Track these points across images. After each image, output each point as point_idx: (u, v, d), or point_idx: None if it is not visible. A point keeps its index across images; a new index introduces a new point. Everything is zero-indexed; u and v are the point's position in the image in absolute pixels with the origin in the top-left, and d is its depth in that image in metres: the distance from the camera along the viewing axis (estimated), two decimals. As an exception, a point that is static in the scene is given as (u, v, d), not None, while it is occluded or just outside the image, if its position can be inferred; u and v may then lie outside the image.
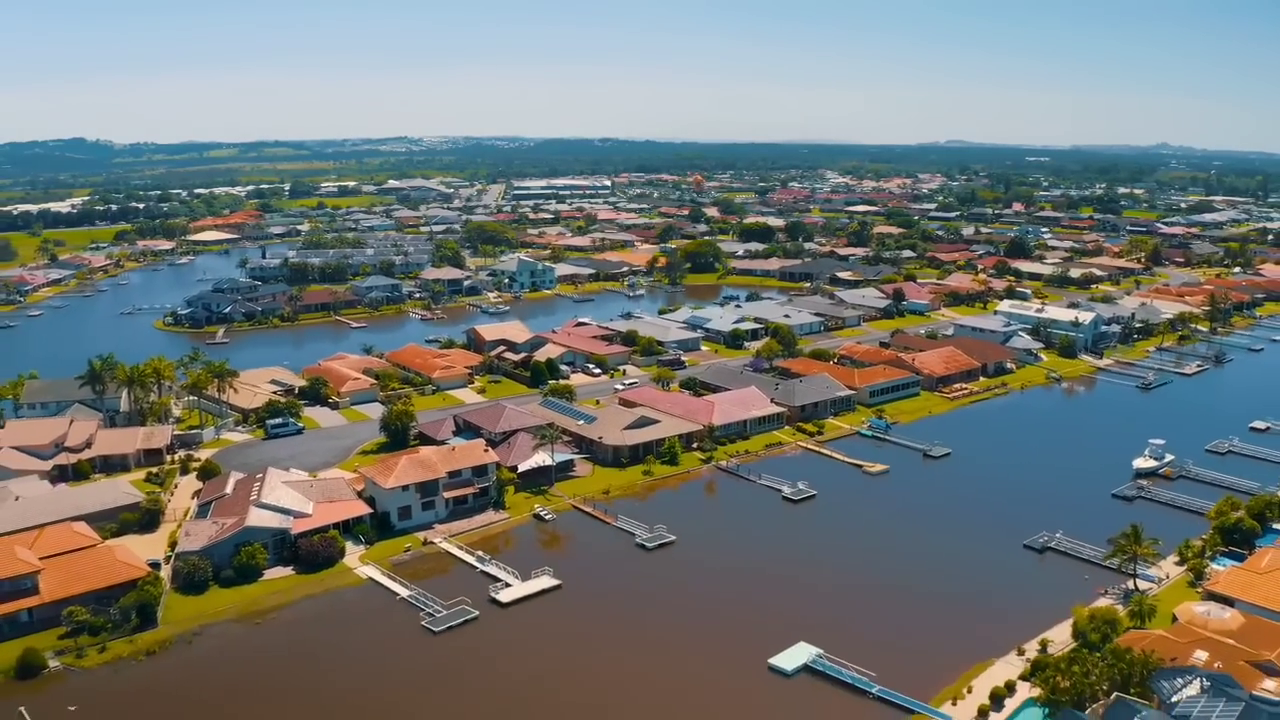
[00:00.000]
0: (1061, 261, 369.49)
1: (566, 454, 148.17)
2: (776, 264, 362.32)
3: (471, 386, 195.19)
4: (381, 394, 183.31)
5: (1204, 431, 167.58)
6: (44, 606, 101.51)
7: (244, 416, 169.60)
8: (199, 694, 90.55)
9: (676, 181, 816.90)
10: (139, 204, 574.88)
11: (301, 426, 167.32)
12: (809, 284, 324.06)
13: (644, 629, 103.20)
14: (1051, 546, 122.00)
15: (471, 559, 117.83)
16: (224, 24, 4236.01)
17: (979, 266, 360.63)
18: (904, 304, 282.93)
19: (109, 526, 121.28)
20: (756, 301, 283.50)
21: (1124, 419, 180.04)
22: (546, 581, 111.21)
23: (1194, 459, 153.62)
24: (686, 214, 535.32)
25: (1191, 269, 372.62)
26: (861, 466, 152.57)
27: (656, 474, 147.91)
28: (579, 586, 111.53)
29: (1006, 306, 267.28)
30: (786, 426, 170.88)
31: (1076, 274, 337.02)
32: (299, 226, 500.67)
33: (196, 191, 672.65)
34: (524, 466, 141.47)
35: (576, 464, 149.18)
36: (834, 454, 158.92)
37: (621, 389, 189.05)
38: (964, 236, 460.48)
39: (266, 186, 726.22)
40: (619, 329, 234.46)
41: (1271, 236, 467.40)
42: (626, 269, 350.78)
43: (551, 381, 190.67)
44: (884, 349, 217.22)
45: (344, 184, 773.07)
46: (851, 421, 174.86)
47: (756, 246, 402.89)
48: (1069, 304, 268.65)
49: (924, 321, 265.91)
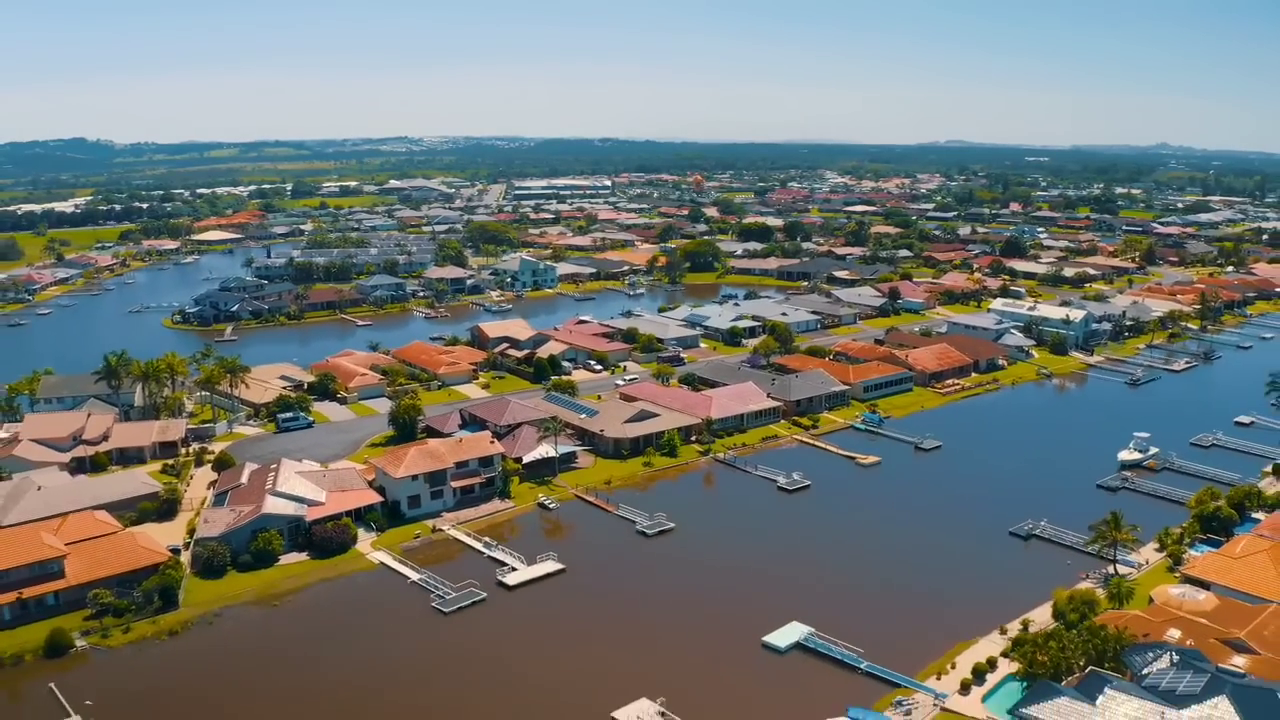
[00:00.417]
0: (1056, 261, 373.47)
1: (569, 446, 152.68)
2: (775, 263, 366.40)
3: (476, 382, 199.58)
4: (389, 389, 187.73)
5: (1190, 425, 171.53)
6: (70, 590, 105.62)
7: (255, 411, 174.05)
8: (220, 670, 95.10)
9: (676, 181, 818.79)
10: (142, 204, 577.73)
11: (312, 420, 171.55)
12: (806, 283, 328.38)
13: (644, 610, 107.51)
14: (1036, 534, 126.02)
15: (479, 545, 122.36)
16: (224, 24, 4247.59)
17: (974, 266, 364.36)
18: (899, 302, 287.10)
19: (128, 515, 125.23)
20: (754, 300, 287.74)
21: (1112, 414, 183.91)
22: (551, 565, 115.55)
23: (1178, 452, 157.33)
24: (686, 214, 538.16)
25: (1185, 268, 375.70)
26: (854, 458, 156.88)
27: (656, 465, 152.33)
28: (582, 570, 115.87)
29: (1000, 305, 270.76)
30: (782, 420, 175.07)
31: (1070, 273, 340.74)
32: (302, 226, 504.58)
33: (199, 191, 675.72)
34: (528, 458, 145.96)
35: (579, 456, 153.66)
36: (828, 446, 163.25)
37: (622, 384, 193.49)
38: (961, 236, 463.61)
39: (268, 186, 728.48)
40: (620, 326, 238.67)
41: (1266, 236, 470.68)
42: (627, 268, 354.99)
43: (554, 377, 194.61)
44: (879, 346, 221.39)
45: (345, 184, 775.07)
46: (846, 416, 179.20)
47: (755, 246, 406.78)
48: (1061, 302, 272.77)
49: (919, 320, 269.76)
